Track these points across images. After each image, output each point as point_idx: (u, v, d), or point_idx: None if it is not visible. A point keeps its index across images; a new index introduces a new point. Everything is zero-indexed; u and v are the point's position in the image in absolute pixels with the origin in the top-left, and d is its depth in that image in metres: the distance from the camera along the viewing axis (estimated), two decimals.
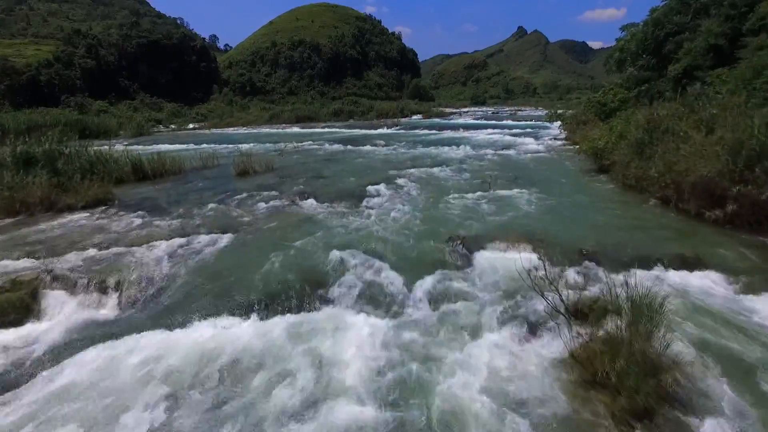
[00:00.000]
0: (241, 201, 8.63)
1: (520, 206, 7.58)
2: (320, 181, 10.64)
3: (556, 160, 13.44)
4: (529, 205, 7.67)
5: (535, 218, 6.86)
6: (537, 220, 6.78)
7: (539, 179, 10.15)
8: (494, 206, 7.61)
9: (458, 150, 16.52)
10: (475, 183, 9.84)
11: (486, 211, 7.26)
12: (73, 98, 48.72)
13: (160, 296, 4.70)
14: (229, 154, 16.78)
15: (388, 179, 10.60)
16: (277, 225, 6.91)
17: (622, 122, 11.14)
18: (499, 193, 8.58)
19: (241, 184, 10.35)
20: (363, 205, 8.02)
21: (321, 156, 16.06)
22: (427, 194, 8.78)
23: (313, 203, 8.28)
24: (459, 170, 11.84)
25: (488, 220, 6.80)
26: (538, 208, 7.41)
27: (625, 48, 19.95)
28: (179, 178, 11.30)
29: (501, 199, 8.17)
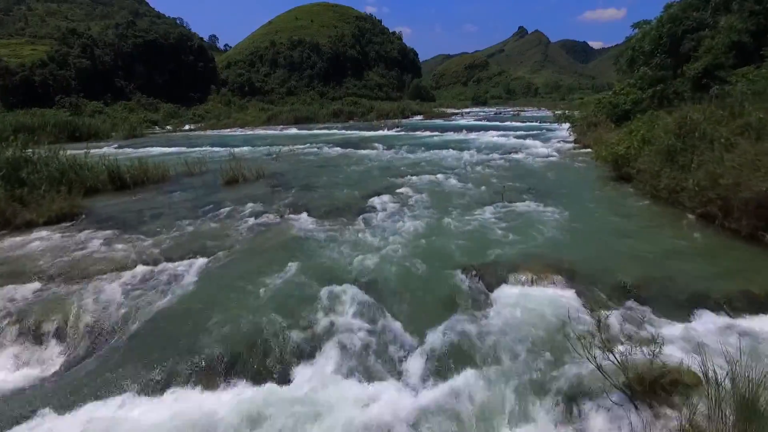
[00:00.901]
0: (224, 216, 7.70)
1: (539, 223, 6.64)
2: (315, 190, 9.71)
3: (569, 166, 12.50)
4: (549, 222, 6.73)
5: (559, 239, 5.93)
6: (561, 241, 5.85)
7: (556, 189, 9.22)
8: (510, 223, 6.67)
9: (463, 154, 15.58)
10: (485, 194, 8.91)
11: (501, 231, 6.32)
12: (67, 99, 47.83)
13: (106, 352, 3.77)
14: (220, 159, 15.83)
15: (389, 188, 9.68)
16: (261, 247, 5.98)
17: (644, 125, 10.20)
18: (514, 207, 7.64)
19: (228, 195, 9.42)
20: (361, 221, 7.09)
21: (318, 160, 15.13)
22: (432, 208, 7.85)
23: (304, 219, 7.34)
24: (466, 178, 10.91)
25: (505, 241, 5.86)
26: (560, 226, 6.47)
27: (637, 46, 19.03)
28: (161, 187, 10.37)
29: (516, 214, 7.24)
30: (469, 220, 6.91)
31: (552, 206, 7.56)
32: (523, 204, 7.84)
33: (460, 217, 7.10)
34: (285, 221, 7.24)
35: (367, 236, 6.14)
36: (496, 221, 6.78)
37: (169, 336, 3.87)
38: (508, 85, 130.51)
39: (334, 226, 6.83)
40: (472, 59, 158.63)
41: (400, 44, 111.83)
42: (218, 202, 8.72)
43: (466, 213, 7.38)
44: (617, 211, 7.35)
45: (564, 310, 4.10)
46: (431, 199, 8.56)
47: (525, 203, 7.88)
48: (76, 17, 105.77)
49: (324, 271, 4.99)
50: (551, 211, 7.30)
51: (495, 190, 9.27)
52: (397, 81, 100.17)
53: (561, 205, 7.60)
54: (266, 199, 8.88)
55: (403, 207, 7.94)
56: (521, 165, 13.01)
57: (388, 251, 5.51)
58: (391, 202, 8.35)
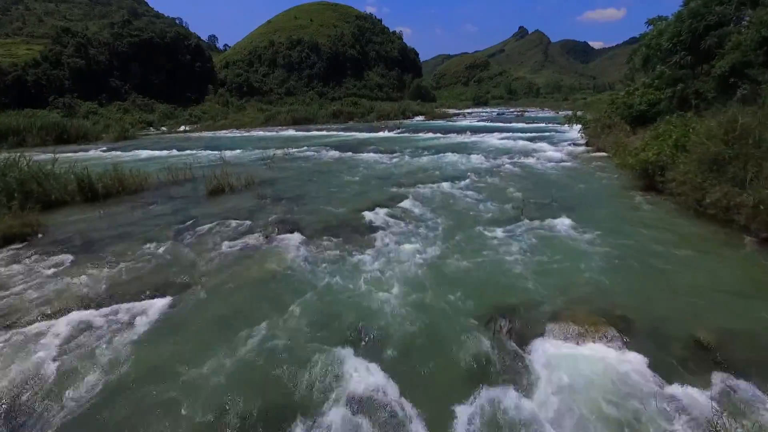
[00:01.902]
0: (201, 236, 6.65)
1: (569, 249, 5.59)
2: (308, 203, 8.66)
3: (588, 173, 11.45)
4: (581, 246, 5.68)
5: (599, 272, 4.87)
6: (602, 275, 4.79)
7: (579, 202, 8.17)
8: (535, 249, 5.62)
9: (470, 158, 14.54)
10: (501, 208, 7.86)
11: (526, 259, 5.27)
12: (61, 99, 46.85)
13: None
14: (210, 164, 14.82)
15: (391, 200, 8.63)
16: (238, 283, 4.93)
17: (676, 129, 9.15)
18: (536, 226, 6.59)
19: (210, 208, 8.38)
20: (359, 245, 6.04)
21: (314, 166, 14.08)
22: (441, 226, 6.80)
23: (294, 241, 6.29)
24: (475, 187, 9.86)
25: (533, 275, 4.81)
26: (596, 253, 5.42)
27: (653, 44, 17.97)
28: (138, 198, 9.32)
29: (541, 236, 6.18)
30: (485, 243, 5.86)
31: (580, 225, 6.50)
32: (546, 222, 6.78)
33: (473, 240, 6.04)
34: (271, 244, 6.19)
35: (367, 268, 5.08)
36: (517, 246, 5.73)
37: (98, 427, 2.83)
38: (509, 85, 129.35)
39: (328, 252, 5.78)
40: (473, 59, 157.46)
41: (401, 44, 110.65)
42: (198, 217, 7.67)
43: (481, 234, 6.32)
44: (658, 231, 6.29)
45: (629, 383, 3.08)
46: (439, 215, 7.50)
47: (548, 221, 6.82)
48: (74, 17, 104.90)
49: (313, 326, 3.95)
50: (580, 231, 6.24)
51: (511, 202, 8.23)
52: (397, 81, 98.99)
53: (590, 223, 6.54)
54: (253, 214, 7.84)
55: (407, 226, 6.88)
56: (534, 172, 11.95)
57: (393, 294, 4.44)
58: (394, 219, 7.30)
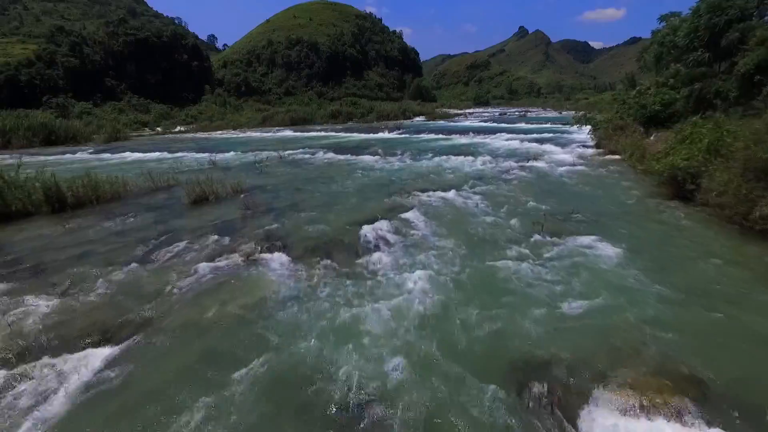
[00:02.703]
0: (174, 256, 5.76)
1: (605, 278, 4.70)
2: (300, 214, 7.77)
3: (604, 179, 10.55)
4: (618, 273, 4.79)
5: (647, 311, 3.99)
6: (652, 315, 3.91)
7: (603, 214, 7.28)
8: (563, 277, 4.73)
9: (475, 162, 13.65)
10: (515, 221, 6.97)
11: (555, 294, 4.37)
12: (55, 99, 45.97)
13: None
14: (199, 168, 13.96)
15: (392, 211, 7.75)
16: (205, 322, 4.04)
17: (709, 132, 8.26)
18: (559, 245, 5.70)
19: (190, 220, 7.49)
20: (355, 270, 5.15)
21: (310, 170, 13.20)
22: (449, 245, 5.90)
23: (279, 263, 5.41)
24: (484, 195, 8.98)
25: (569, 318, 3.91)
26: (637, 284, 4.53)
27: (666, 41, 17.09)
28: (112, 208, 8.43)
29: (566, 258, 5.29)
30: (502, 271, 4.96)
31: (610, 244, 5.60)
32: (570, 239, 5.90)
33: (488, 265, 5.14)
34: (252, 268, 5.29)
35: (363, 308, 4.17)
36: (541, 274, 4.82)
37: None
38: (510, 85, 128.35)
39: (317, 280, 4.89)
40: (474, 59, 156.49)
41: (401, 43, 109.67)
42: (174, 231, 6.79)
43: (496, 254, 5.43)
44: (705, 252, 5.39)
45: None
46: (445, 230, 6.61)
47: (572, 239, 5.93)
48: (72, 16, 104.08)
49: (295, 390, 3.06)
50: (613, 252, 5.34)
51: (525, 214, 7.35)
52: (397, 81, 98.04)
53: (621, 242, 5.64)
54: (236, 228, 6.96)
55: (410, 245, 5.99)
56: (546, 177, 11.06)
57: (394, 346, 3.54)
58: (395, 235, 6.42)
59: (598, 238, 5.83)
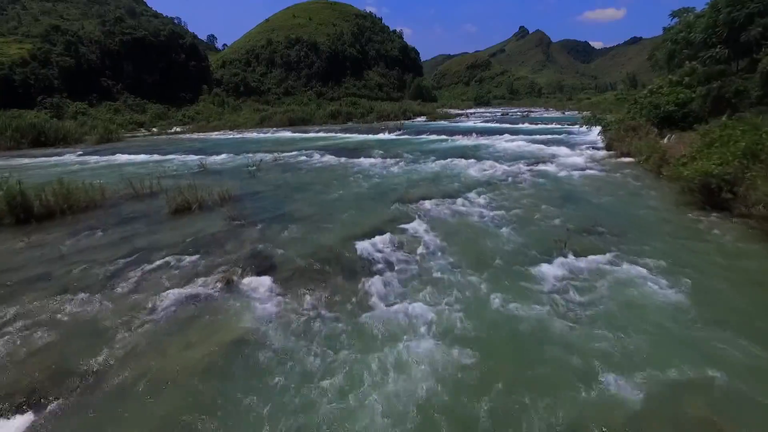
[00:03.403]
0: (143, 279, 4.98)
1: (649, 310, 3.92)
2: (291, 226, 6.98)
3: (622, 185, 9.76)
4: (662, 306, 4.01)
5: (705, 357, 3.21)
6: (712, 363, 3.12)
7: (630, 226, 6.49)
8: (598, 309, 3.95)
9: (481, 165, 12.86)
10: (533, 235, 6.19)
11: (592, 331, 3.59)
12: (49, 99, 45.24)
13: None
14: (189, 172, 13.18)
15: (393, 222, 6.98)
16: (167, 374, 3.25)
17: (746, 134, 7.48)
18: (589, 270, 4.90)
19: (168, 234, 6.70)
20: (351, 300, 4.37)
21: (305, 174, 12.42)
22: (460, 266, 5.12)
23: (264, 288, 4.63)
24: (494, 202, 8.20)
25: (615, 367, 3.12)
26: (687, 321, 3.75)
27: (681, 38, 16.33)
28: (84, 219, 7.65)
29: (597, 281, 4.51)
30: (524, 298, 4.18)
31: (649, 269, 4.80)
32: (597, 260, 5.11)
33: (507, 292, 4.36)
34: (231, 296, 4.51)
35: (360, 353, 3.38)
36: (570, 303, 4.04)
37: None
38: (511, 85, 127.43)
39: (306, 313, 4.10)
40: (474, 59, 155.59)
41: (401, 43, 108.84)
42: (147, 249, 6.00)
43: (516, 280, 4.65)
44: (758, 275, 4.61)
45: None
46: (454, 246, 5.82)
47: (600, 258, 5.14)
48: (71, 16, 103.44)
49: None
50: (651, 276, 4.55)
51: (542, 225, 6.57)
52: (397, 81, 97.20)
53: (663, 268, 4.84)
54: (218, 244, 6.17)
55: (415, 265, 5.20)
56: (559, 182, 10.28)
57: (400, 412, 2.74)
58: (397, 252, 5.64)
59: (631, 260, 5.04)
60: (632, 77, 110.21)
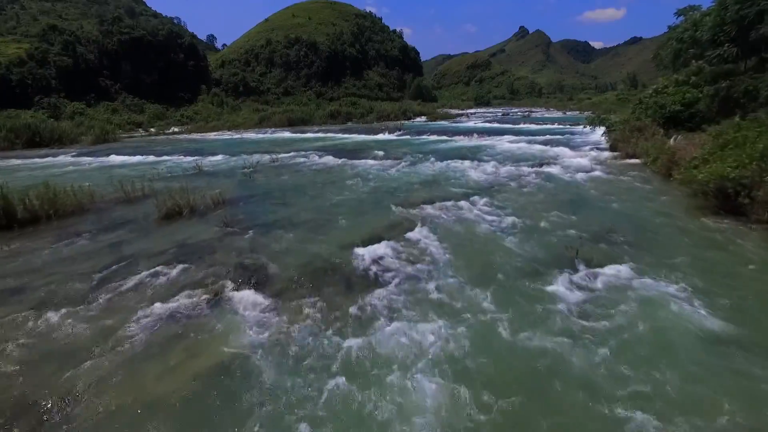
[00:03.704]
0: (124, 292, 4.64)
1: (676, 333, 3.59)
2: (286, 232, 6.64)
3: (631, 188, 9.41)
4: (698, 329, 3.66)
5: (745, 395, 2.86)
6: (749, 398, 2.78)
7: (643, 233, 6.15)
8: (619, 331, 3.61)
9: (484, 167, 12.52)
10: (541, 242, 5.85)
11: (616, 361, 3.25)
12: (47, 99, 44.89)
13: None
14: (183, 173, 12.84)
15: (394, 228, 6.64)
16: (143, 404, 2.91)
17: (764, 135, 7.13)
18: (603, 281, 4.56)
19: (155, 242, 6.36)
20: (350, 315, 4.03)
21: (303, 176, 12.07)
22: (466, 278, 4.79)
23: (254, 303, 4.30)
24: (499, 207, 7.85)
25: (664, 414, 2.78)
26: (725, 345, 3.40)
27: (687, 37, 15.98)
28: (69, 224, 7.31)
29: (614, 296, 4.17)
30: (536, 324, 3.84)
31: (669, 280, 4.47)
32: (614, 272, 4.76)
33: (517, 314, 4.02)
34: (218, 312, 4.17)
35: (358, 379, 3.04)
36: (591, 330, 3.69)
37: None
38: (511, 85, 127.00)
39: (300, 332, 3.76)
40: (474, 59, 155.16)
41: (401, 42, 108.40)
42: (132, 257, 5.66)
43: (525, 299, 4.30)
44: None
45: None
46: (458, 256, 5.48)
47: (615, 270, 4.80)
48: (70, 16, 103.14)
49: None
50: (681, 296, 4.19)
51: (550, 231, 6.23)
52: (398, 81, 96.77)
53: (685, 276, 4.51)
54: (208, 252, 5.83)
55: (418, 278, 4.86)
56: (565, 185, 9.94)
57: None
58: (399, 261, 5.29)
59: (651, 273, 4.69)
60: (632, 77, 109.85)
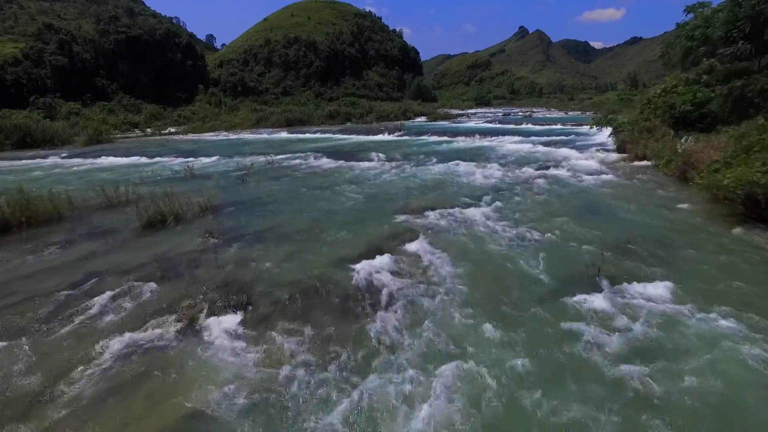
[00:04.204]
0: (88, 318, 4.08)
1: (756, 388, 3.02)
2: (275, 245, 6.08)
3: (643, 192, 8.86)
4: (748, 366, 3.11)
5: None
6: None
7: (667, 244, 5.59)
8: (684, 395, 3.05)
9: (488, 169, 11.97)
10: (556, 255, 5.29)
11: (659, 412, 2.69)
12: (42, 99, 44.31)
13: None
14: (174, 177, 12.28)
15: (395, 239, 6.09)
16: None
17: None
18: (639, 307, 4.01)
19: (132, 255, 5.79)
20: (344, 347, 3.46)
21: (298, 180, 11.51)
22: (476, 300, 4.23)
23: (233, 332, 3.74)
24: (506, 214, 7.30)
25: None
26: None
27: (697, 34, 15.45)
28: (41, 234, 6.74)
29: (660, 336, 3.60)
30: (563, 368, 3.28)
31: (712, 302, 3.93)
32: (645, 292, 4.21)
33: (538, 353, 3.46)
34: (190, 343, 3.61)
35: None
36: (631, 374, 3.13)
37: None
38: (511, 85, 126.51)
39: (284, 368, 3.20)
40: (475, 59, 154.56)
41: (401, 42, 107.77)
42: (104, 274, 5.10)
43: (546, 331, 3.75)
44: None
45: None
46: (466, 275, 4.92)
47: (647, 290, 4.25)
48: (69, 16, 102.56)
49: None
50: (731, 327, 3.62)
51: (565, 243, 5.67)
52: (397, 80, 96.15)
53: (731, 302, 3.95)
54: (189, 267, 5.27)
55: (419, 300, 4.30)
56: (575, 189, 9.38)
57: None
58: (400, 280, 4.74)
59: (690, 295, 4.13)
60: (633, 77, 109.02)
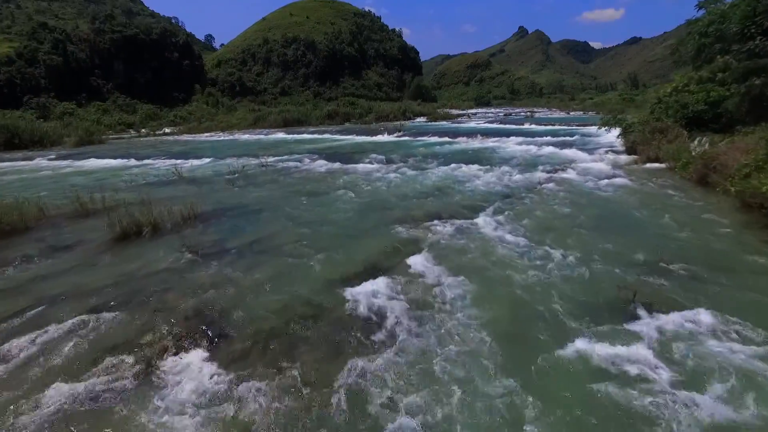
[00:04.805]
0: (26, 359, 3.41)
1: None
2: (261, 262, 5.41)
3: (663, 198, 8.19)
4: None
5: None
6: None
7: (700, 261, 4.92)
8: None
9: (493, 173, 11.31)
10: (580, 274, 4.62)
11: None
12: (36, 99, 43.61)
13: None
14: (161, 180, 11.62)
15: (395, 256, 5.42)
16: None
17: None
18: (689, 349, 3.34)
19: (95, 275, 5.11)
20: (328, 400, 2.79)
21: (292, 184, 10.85)
22: (484, 331, 3.57)
23: (199, 378, 3.08)
24: (517, 226, 6.63)
25: None
26: None
27: (711, 30, 14.79)
28: (2, 247, 6.06)
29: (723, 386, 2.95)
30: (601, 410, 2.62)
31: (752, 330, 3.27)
32: (685, 323, 3.55)
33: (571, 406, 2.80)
34: (147, 393, 2.94)
35: None
36: None
37: None
38: (511, 85, 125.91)
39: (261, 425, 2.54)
40: (474, 59, 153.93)
41: (401, 41, 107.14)
42: (61, 297, 4.43)
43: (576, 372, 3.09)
44: None
45: None
46: (476, 297, 4.25)
47: (685, 318, 3.60)
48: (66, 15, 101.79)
49: None
50: None
51: (586, 258, 5.00)
52: (397, 80, 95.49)
53: None
54: (160, 289, 4.60)
55: (424, 331, 3.63)
56: (589, 196, 8.71)
57: None
58: (399, 305, 4.07)
59: (719, 314, 3.47)
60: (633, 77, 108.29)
